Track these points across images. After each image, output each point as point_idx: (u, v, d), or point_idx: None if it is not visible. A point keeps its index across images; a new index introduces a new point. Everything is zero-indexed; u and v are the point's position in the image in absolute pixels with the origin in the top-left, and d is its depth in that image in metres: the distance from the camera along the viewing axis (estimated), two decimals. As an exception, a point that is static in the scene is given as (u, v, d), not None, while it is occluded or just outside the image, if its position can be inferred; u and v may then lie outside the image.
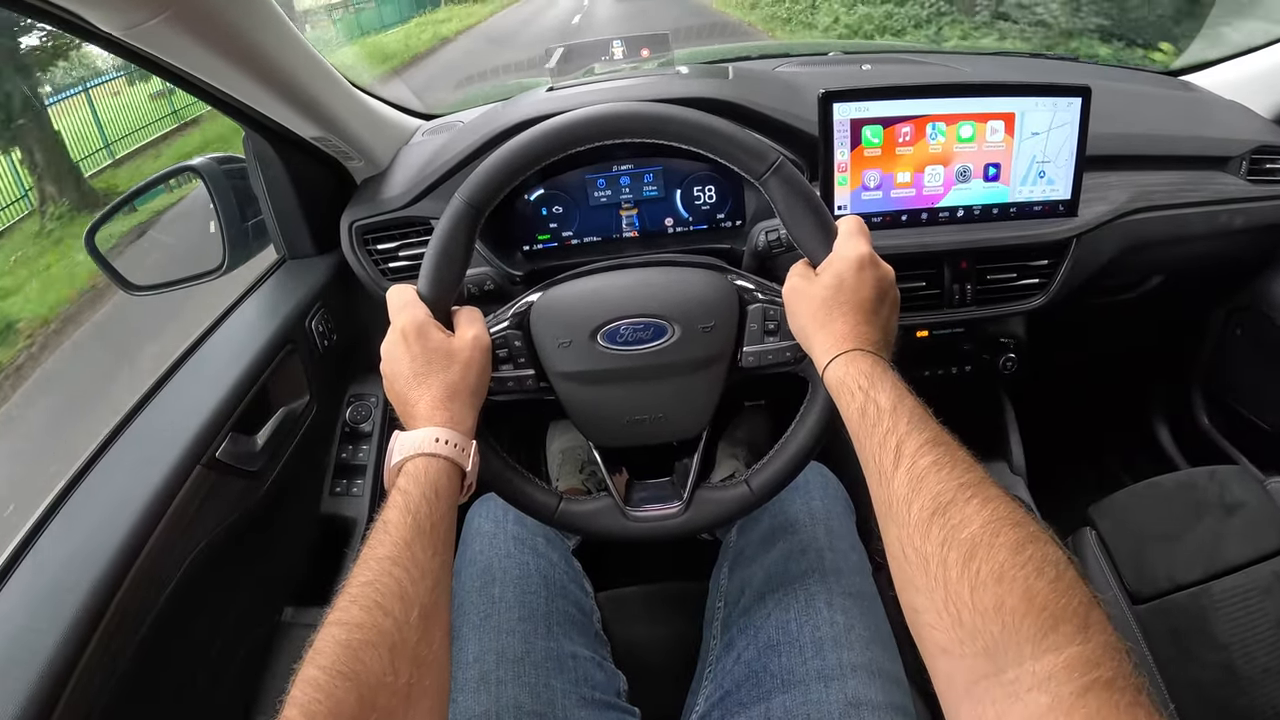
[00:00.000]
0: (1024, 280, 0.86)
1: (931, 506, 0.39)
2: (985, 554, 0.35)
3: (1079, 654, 0.31)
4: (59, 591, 0.54)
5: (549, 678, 0.61)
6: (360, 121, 0.84)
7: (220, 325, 0.81)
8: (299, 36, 0.70)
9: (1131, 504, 0.90)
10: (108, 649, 0.54)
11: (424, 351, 0.53)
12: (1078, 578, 0.35)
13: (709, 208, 0.86)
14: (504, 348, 0.60)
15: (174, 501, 0.63)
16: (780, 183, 0.54)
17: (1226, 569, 0.84)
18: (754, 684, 0.60)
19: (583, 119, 0.55)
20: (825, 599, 0.63)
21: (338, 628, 0.39)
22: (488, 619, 0.65)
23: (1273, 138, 0.96)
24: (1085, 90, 0.79)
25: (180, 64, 0.63)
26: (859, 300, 0.52)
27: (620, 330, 0.59)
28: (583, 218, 0.86)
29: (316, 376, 0.85)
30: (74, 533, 0.59)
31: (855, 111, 0.78)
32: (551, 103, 0.88)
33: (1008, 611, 0.33)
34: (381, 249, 0.86)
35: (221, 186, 0.85)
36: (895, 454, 0.42)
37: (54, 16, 0.52)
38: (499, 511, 0.75)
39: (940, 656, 0.35)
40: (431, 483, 0.47)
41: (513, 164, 0.55)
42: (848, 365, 0.49)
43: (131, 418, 0.70)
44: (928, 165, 0.80)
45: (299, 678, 0.37)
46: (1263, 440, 1.09)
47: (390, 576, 0.42)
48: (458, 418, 0.51)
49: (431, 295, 0.55)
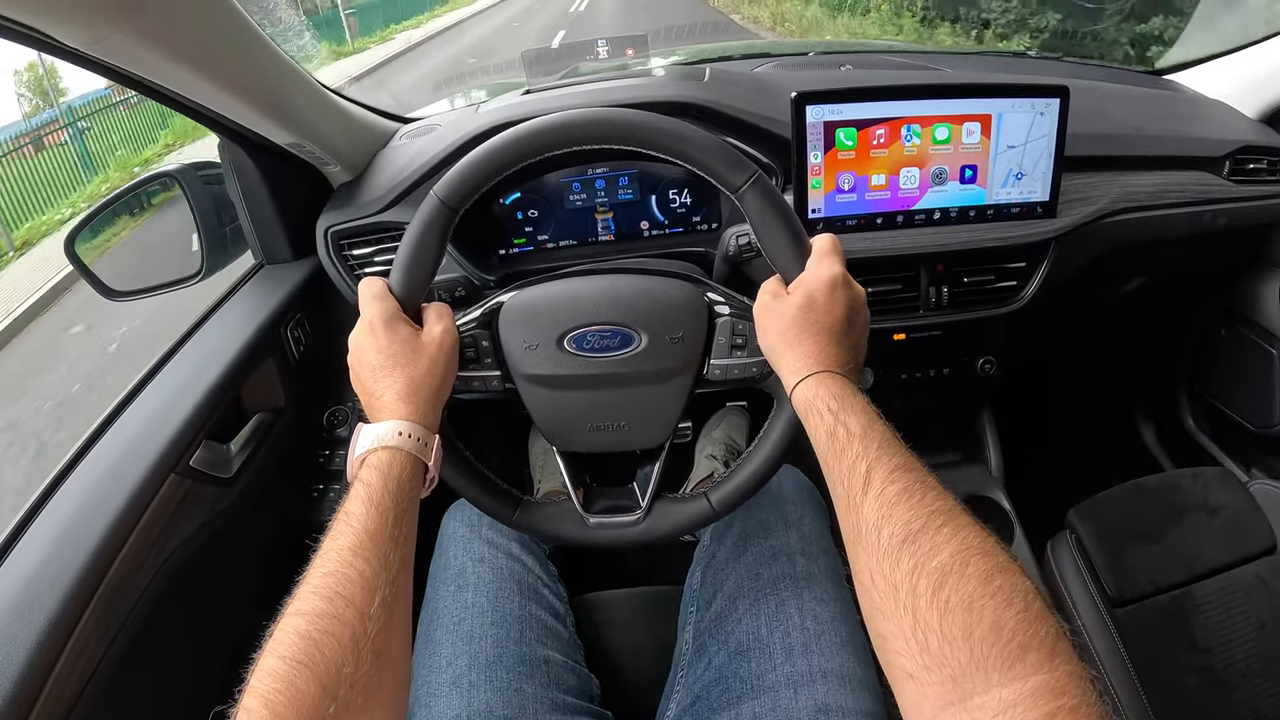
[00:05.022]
0: (1001, 283, 0.86)
1: (902, 534, 0.39)
2: (955, 582, 0.35)
3: (1045, 682, 0.31)
4: (32, 600, 0.54)
5: (521, 682, 0.62)
6: (335, 127, 0.84)
7: (196, 331, 0.81)
8: (270, 43, 0.70)
9: (1113, 506, 0.90)
10: (81, 656, 0.54)
11: (391, 344, 0.53)
12: (1045, 609, 0.35)
13: (684, 211, 0.86)
14: (471, 347, 0.60)
15: (147, 509, 0.63)
16: (756, 197, 0.54)
17: (1208, 571, 0.83)
18: (724, 689, 0.60)
19: (560, 123, 0.55)
20: (796, 604, 0.63)
21: (298, 618, 0.39)
22: (461, 623, 0.65)
23: (1257, 137, 0.95)
24: (1063, 90, 0.79)
25: (149, 76, 0.63)
26: (830, 321, 0.52)
27: (587, 337, 0.59)
28: (558, 221, 0.86)
29: (292, 382, 0.85)
30: (47, 541, 0.59)
31: (829, 114, 0.77)
32: (526, 106, 0.88)
33: (976, 640, 0.33)
34: (357, 254, 0.86)
35: (198, 192, 0.86)
36: (865, 479, 0.42)
37: (17, 33, 0.52)
38: (474, 516, 0.75)
39: (907, 682, 0.35)
40: (395, 475, 0.47)
41: (489, 165, 0.55)
42: (817, 387, 0.49)
43: (106, 426, 0.70)
44: (903, 167, 0.80)
45: (258, 667, 0.37)
46: (1247, 441, 1.09)
47: (352, 568, 0.42)
48: (421, 412, 0.51)
49: (402, 290, 0.56)
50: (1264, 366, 1.02)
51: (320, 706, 0.36)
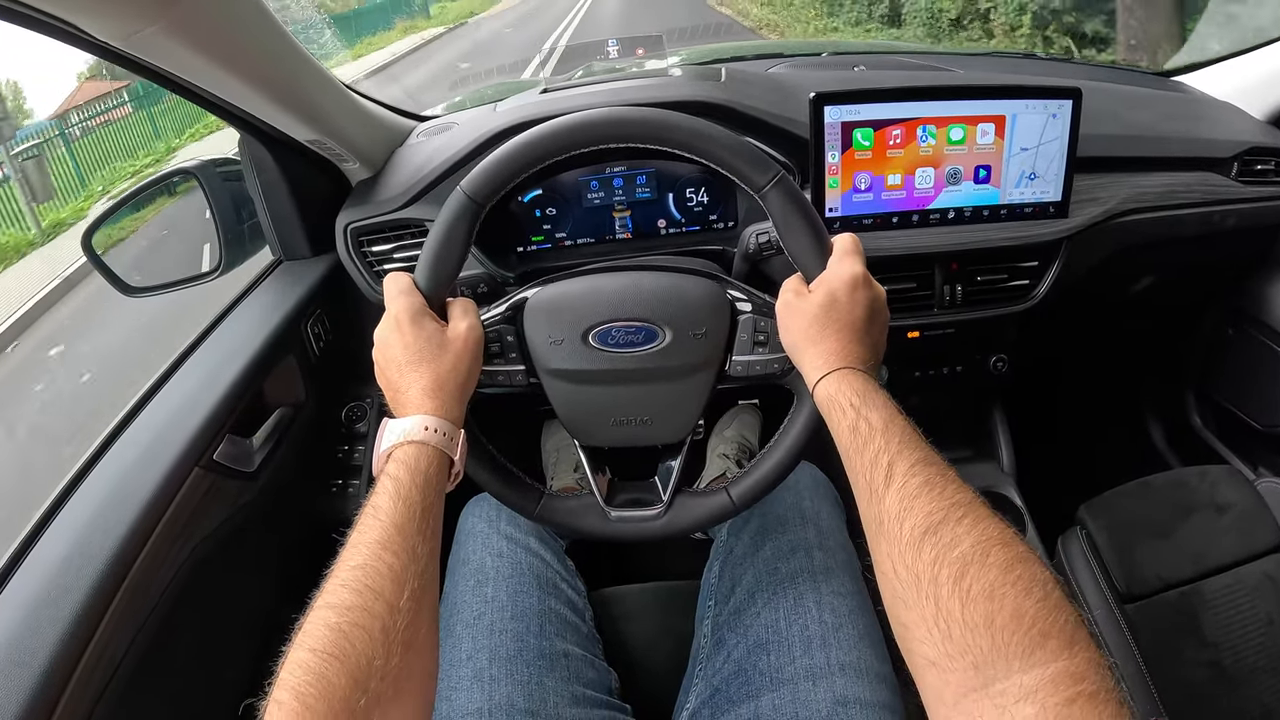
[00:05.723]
0: (1014, 281, 0.87)
1: (924, 525, 0.39)
2: (976, 572, 0.36)
3: (1065, 668, 0.32)
4: (59, 592, 0.54)
5: (541, 676, 0.62)
6: (354, 124, 0.84)
7: (217, 327, 0.82)
8: (293, 41, 0.70)
9: (1122, 503, 0.91)
10: (106, 649, 0.55)
11: (417, 340, 0.53)
12: (1064, 598, 0.36)
13: (701, 210, 0.86)
14: (496, 342, 0.61)
15: (172, 503, 0.64)
16: (779, 196, 0.55)
17: (1216, 568, 0.84)
18: (743, 682, 0.61)
19: (588, 121, 0.55)
20: (814, 598, 0.64)
21: (328, 610, 0.40)
22: (481, 617, 0.66)
23: (1265, 139, 0.96)
24: (1076, 92, 0.80)
25: (177, 71, 0.63)
26: (851, 319, 0.52)
27: (612, 332, 0.59)
28: (576, 219, 0.87)
29: (313, 378, 0.85)
30: (73, 534, 0.59)
31: (846, 114, 0.78)
32: (545, 105, 0.88)
33: (997, 628, 0.34)
34: (376, 250, 0.86)
35: (217, 189, 0.86)
36: (887, 472, 0.43)
37: (53, 28, 0.52)
38: (492, 511, 0.75)
39: (929, 670, 0.36)
40: (421, 470, 0.48)
41: (516, 161, 0.56)
42: (839, 383, 0.50)
43: (129, 420, 0.71)
44: (918, 167, 0.81)
45: (289, 660, 0.38)
46: (1254, 440, 1.10)
47: (381, 561, 0.42)
48: (447, 407, 0.52)
49: (428, 285, 0.56)
50: (1272, 366, 1.03)
51: (351, 699, 0.37)
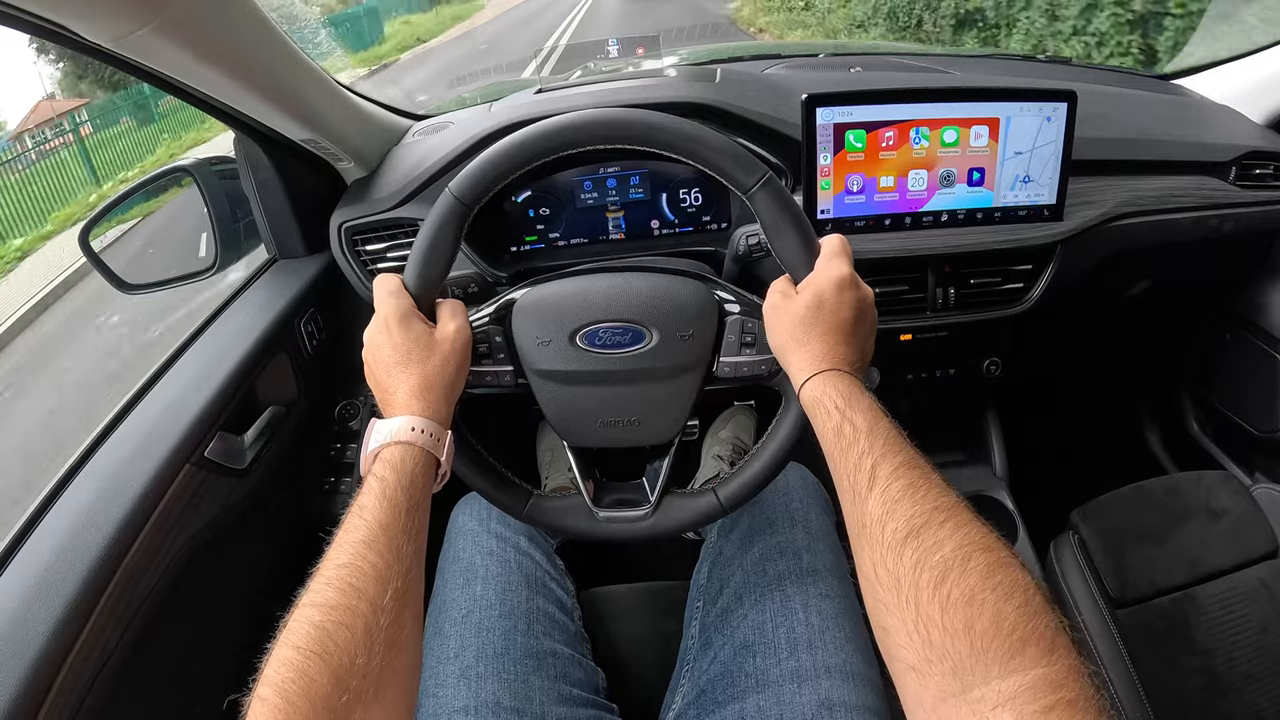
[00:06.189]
0: (1008, 285, 0.86)
1: (906, 529, 0.39)
2: (957, 577, 0.36)
3: (1044, 675, 0.32)
4: (50, 584, 0.55)
5: (528, 674, 0.62)
6: (349, 124, 0.85)
7: (210, 325, 0.82)
8: (287, 40, 0.71)
9: (1116, 507, 0.90)
10: (97, 643, 0.55)
11: (405, 340, 0.54)
12: (1045, 604, 0.36)
13: (694, 211, 0.86)
14: (484, 342, 0.61)
15: (163, 499, 0.64)
16: (766, 198, 0.55)
17: (1210, 574, 0.84)
18: (729, 683, 0.61)
19: (575, 122, 0.55)
20: (801, 600, 0.64)
21: (312, 609, 0.40)
22: (469, 615, 0.66)
23: (1264, 143, 0.95)
24: (1070, 95, 0.79)
25: (169, 72, 0.64)
26: (838, 321, 0.52)
27: (599, 333, 0.59)
28: (570, 220, 0.87)
29: (306, 376, 0.86)
30: (65, 528, 0.60)
31: (839, 116, 0.78)
32: (539, 105, 0.89)
33: (977, 633, 0.34)
34: (370, 249, 0.87)
35: (213, 187, 0.87)
36: (870, 475, 0.43)
37: (43, 29, 0.52)
38: (483, 510, 0.76)
39: (909, 675, 0.36)
40: (408, 471, 0.48)
41: (504, 162, 0.56)
42: (824, 384, 0.50)
43: (122, 417, 0.71)
44: (911, 169, 0.81)
45: (272, 657, 0.38)
46: (1250, 445, 1.09)
47: (365, 560, 0.42)
48: (434, 408, 0.52)
49: (417, 286, 0.57)
50: (1268, 372, 1.02)
51: (333, 696, 0.37)
